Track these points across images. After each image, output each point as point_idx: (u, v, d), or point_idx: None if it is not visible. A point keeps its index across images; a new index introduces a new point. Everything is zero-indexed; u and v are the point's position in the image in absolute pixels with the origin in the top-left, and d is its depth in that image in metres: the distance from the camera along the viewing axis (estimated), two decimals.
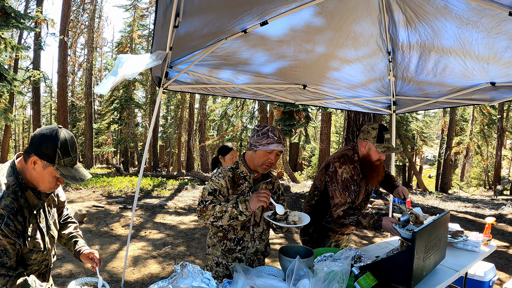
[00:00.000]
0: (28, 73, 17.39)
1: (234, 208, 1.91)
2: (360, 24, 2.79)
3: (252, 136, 2.08)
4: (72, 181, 1.49)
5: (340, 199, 2.39)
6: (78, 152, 1.55)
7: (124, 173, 14.43)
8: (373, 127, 2.45)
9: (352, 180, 2.44)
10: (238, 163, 2.14)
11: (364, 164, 2.52)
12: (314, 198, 2.64)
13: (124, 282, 3.73)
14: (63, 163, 1.47)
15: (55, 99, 24.47)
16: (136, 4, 23.66)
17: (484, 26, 2.38)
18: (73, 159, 1.50)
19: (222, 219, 1.93)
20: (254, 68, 3.44)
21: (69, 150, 1.48)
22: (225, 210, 1.92)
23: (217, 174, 2.10)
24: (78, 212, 6.30)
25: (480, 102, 3.92)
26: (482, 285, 3.30)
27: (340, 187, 2.40)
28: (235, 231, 2.11)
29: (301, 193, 10.47)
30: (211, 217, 1.95)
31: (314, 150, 23.67)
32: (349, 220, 2.34)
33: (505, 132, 19.04)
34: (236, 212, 1.90)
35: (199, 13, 2.23)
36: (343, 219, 2.37)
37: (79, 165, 1.56)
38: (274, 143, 1.98)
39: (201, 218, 2.00)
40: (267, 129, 2.03)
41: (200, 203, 2.02)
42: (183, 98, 22.46)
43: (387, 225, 2.20)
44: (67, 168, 1.49)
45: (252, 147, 2.05)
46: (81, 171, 1.54)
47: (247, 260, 2.15)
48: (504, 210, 9.01)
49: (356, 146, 2.58)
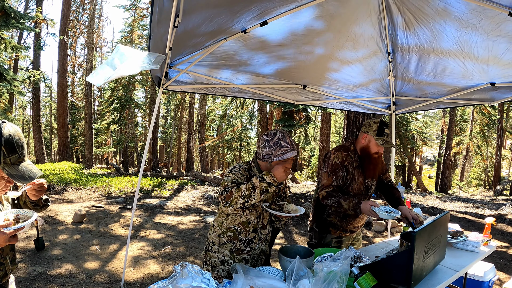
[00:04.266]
0: (28, 73, 17.38)
1: (262, 182, 1.89)
2: (360, 26, 2.79)
3: (262, 147, 2.02)
4: (21, 180, 1.36)
5: (326, 181, 2.50)
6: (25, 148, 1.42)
7: (124, 173, 14.43)
8: (374, 122, 2.53)
9: (342, 166, 2.52)
10: (251, 165, 2.13)
11: (362, 156, 2.59)
12: (317, 192, 2.68)
13: (124, 282, 3.73)
14: (9, 161, 1.34)
15: (55, 99, 24.48)
16: (136, 4, 23.64)
17: (484, 28, 2.38)
18: (20, 156, 1.37)
19: (252, 196, 1.89)
20: (253, 69, 3.44)
21: (15, 146, 1.35)
22: (252, 186, 1.89)
23: (238, 169, 2.06)
24: (78, 212, 6.30)
25: (480, 102, 3.92)
26: (481, 285, 3.30)
27: (329, 170, 2.51)
28: (247, 232, 2.12)
29: (301, 193, 10.47)
30: (240, 199, 1.89)
31: (314, 151, 23.67)
32: (331, 201, 2.44)
33: (504, 132, 19.05)
34: (265, 185, 1.90)
35: (197, 10, 2.23)
36: (326, 200, 2.47)
37: (28, 162, 1.43)
38: (288, 152, 1.96)
39: (228, 205, 1.91)
40: (278, 138, 1.98)
41: (222, 193, 1.95)
42: (183, 98, 22.46)
43: (365, 207, 2.30)
44: (14, 167, 1.36)
45: (266, 159, 2.01)
46: (30, 168, 1.40)
47: (252, 260, 2.18)
48: (504, 210, 9.02)
49: (355, 140, 2.67)
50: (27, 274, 3.98)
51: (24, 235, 5.07)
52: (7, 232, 1.34)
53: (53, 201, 7.57)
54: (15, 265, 1.68)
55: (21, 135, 1.39)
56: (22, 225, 1.39)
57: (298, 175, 18.80)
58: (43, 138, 19.28)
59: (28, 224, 1.41)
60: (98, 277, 4.06)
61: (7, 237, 1.34)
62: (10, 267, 1.62)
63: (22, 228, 1.38)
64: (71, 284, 3.84)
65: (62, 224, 6.01)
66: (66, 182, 9.45)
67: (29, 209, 1.67)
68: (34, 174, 1.40)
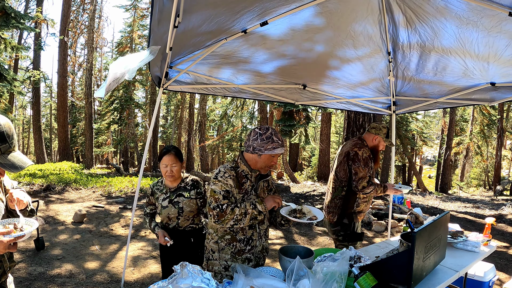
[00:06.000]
0: (28, 73, 17.38)
1: (253, 209, 2.02)
2: (360, 24, 2.78)
3: (254, 139, 2.07)
4: (12, 169, 1.37)
5: (363, 173, 3.01)
6: (15, 138, 1.42)
7: (124, 173, 14.42)
8: (383, 126, 3.24)
9: (370, 159, 3.12)
10: (237, 162, 2.16)
11: (372, 151, 3.22)
12: (343, 189, 3.15)
13: (124, 282, 3.73)
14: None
15: (55, 99, 24.48)
16: (136, 4, 23.63)
17: (484, 25, 2.38)
18: (10, 146, 1.38)
19: (242, 220, 2.00)
20: (254, 67, 3.44)
21: (5, 136, 1.35)
22: (245, 212, 2.00)
23: (222, 174, 2.07)
24: (78, 212, 6.30)
25: (480, 102, 3.92)
26: (482, 285, 3.30)
27: (362, 164, 3.03)
28: (244, 231, 2.12)
29: (301, 193, 10.47)
30: (231, 221, 1.99)
31: (314, 151, 23.65)
32: (370, 190, 3.00)
33: (505, 133, 19.03)
34: (256, 213, 2.02)
35: (197, 10, 2.22)
36: (366, 189, 3.00)
37: (18, 152, 1.43)
38: (279, 147, 2.06)
39: (219, 223, 2.00)
40: (270, 133, 2.06)
41: (214, 208, 1.98)
42: (183, 98, 22.46)
43: (390, 187, 3.06)
44: (4, 157, 1.36)
45: (256, 151, 2.06)
46: (20, 158, 1.41)
47: (255, 258, 2.18)
48: (504, 210, 9.01)
49: (362, 138, 3.26)
50: (27, 274, 3.98)
51: None
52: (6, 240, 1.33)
53: (53, 201, 7.58)
54: (13, 262, 1.66)
55: (11, 125, 1.40)
56: (23, 233, 1.39)
57: (298, 175, 18.79)
58: (43, 138, 19.28)
59: (29, 233, 1.41)
60: (98, 277, 4.06)
61: (7, 245, 1.34)
62: (8, 264, 1.61)
63: (23, 236, 1.38)
64: (71, 284, 3.84)
65: (62, 224, 6.01)
66: (66, 182, 9.45)
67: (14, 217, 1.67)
68: (25, 163, 1.41)
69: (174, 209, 2.67)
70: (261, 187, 2.20)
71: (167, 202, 2.69)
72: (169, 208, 2.68)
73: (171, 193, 2.70)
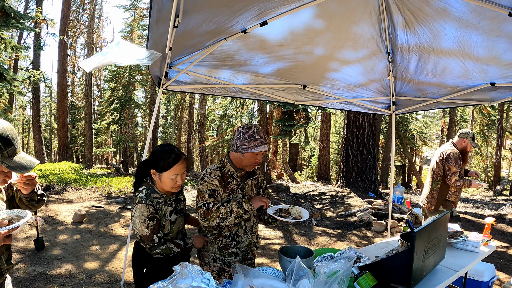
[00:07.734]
0: (28, 73, 17.37)
1: (239, 208, 2.06)
2: (359, 26, 2.78)
3: (237, 138, 2.12)
4: (21, 170, 1.38)
5: (455, 169, 3.77)
6: (19, 139, 1.44)
7: (124, 173, 14.42)
8: (470, 131, 4.02)
9: (459, 159, 3.85)
10: (224, 162, 2.20)
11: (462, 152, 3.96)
12: (439, 183, 3.95)
13: (124, 282, 3.73)
14: (7, 154, 1.35)
15: (55, 99, 24.45)
16: (136, 4, 23.62)
17: (484, 28, 2.38)
18: (16, 148, 1.39)
19: (228, 219, 2.05)
20: (253, 69, 3.44)
21: (10, 139, 1.36)
22: (230, 210, 2.05)
23: (208, 174, 2.14)
24: (78, 212, 6.30)
25: (479, 103, 3.92)
26: (481, 285, 3.31)
27: (453, 162, 3.81)
28: (229, 227, 2.19)
29: (301, 193, 10.46)
30: (216, 219, 2.04)
31: (314, 151, 23.64)
32: (460, 183, 3.74)
33: (504, 133, 19.03)
34: (241, 212, 2.07)
35: (197, 10, 2.22)
36: (458, 182, 3.75)
37: (23, 153, 1.45)
38: (261, 145, 2.09)
39: (206, 221, 2.06)
40: (253, 131, 2.09)
41: (201, 206, 2.06)
42: (183, 98, 22.45)
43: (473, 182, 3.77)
44: (11, 159, 1.37)
45: (239, 149, 2.11)
46: (28, 158, 1.42)
47: (242, 253, 2.25)
48: (504, 210, 9.01)
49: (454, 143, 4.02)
50: (27, 274, 3.98)
51: (24, 235, 5.07)
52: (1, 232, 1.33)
53: (53, 201, 7.57)
54: (11, 264, 1.66)
55: (13, 128, 1.42)
56: (17, 224, 1.39)
57: (298, 175, 18.79)
58: (43, 138, 19.28)
59: (23, 224, 1.41)
60: (98, 277, 4.05)
61: (2, 237, 1.34)
62: (5, 266, 1.61)
63: (17, 227, 1.38)
64: (71, 284, 3.84)
65: (62, 224, 6.01)
66: (66, 182, 9.44)
67: (26, 206, 1.67)
68: (33, 162, 1.42)
69: (181, 218, 2.20)
70: (248, 185, 2.26)
71: (175, 215, 2.13)
72: (178, 221, 2.15)
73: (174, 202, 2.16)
